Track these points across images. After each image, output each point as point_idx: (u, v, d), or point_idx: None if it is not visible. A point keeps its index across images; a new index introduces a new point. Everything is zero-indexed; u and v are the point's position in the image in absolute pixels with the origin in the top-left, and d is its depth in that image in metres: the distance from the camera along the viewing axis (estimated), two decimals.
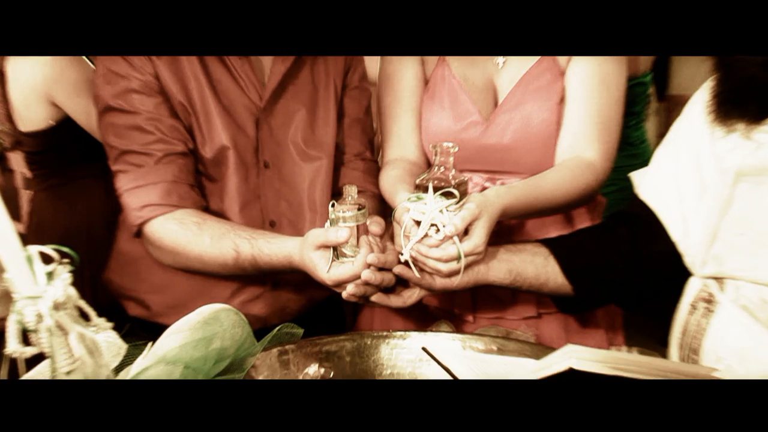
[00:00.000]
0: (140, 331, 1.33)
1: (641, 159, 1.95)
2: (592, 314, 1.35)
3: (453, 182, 1.09)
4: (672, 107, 2.10)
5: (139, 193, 1.23)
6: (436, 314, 1.35)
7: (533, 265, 1.15)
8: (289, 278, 1.35)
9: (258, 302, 1.35)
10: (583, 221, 1.36)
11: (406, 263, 1.11)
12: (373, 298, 1.13)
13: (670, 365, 0.91)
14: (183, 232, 1.22)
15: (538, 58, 1.28)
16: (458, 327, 1.32)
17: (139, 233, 1.27)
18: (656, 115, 2.21)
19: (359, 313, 1.47)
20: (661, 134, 1.14)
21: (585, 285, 1.16)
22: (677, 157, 1.08)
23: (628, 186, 1.17)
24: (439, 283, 1.13)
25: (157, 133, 1.23)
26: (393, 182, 1.23)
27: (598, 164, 1.25)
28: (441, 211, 1.06)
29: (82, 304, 0.79)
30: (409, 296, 1.16)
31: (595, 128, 1.25)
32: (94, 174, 1.78)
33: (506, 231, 1.34)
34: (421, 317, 1.36)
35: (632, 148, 2.00)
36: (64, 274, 0.75)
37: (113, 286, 1.40)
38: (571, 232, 1.28)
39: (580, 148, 1.25)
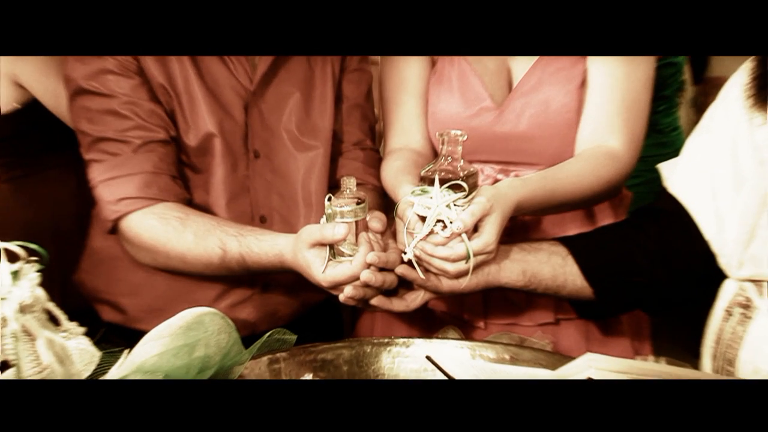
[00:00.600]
0: (115, 338, 1.30)
1: (672, 148, 1.96)
2: (616, 321, 1.35)
3: (461, 174, 1.09)
4: (710, 90, 2.10)
5: (114, 184, 1.24)
6: (442, 319, 1.36)
7: (550, 266, 1.16)
8: (280, 279, 1.35)
9: (246, 306, 1.36)
10: (605, 217, 1.36)
11: (410, 263, 1.11)
12: (373, 302, 1.13)
13: (701, 377, 0.92)
14: (163, 229, 1.22)
15: None
16: (467, 333, 1.32)
17: (114, 229, 1.27)
18: (691, 99, 2.20)
19: (358, 318, 1.47)
20: (696, 121, 1.14)
21: (607, 288, 1.17)
22: (711, 147, 1.08)
23: (657, 178, 1.17)
24: (446, 285, 1.13)
25: (135, 118, 1.24)
26: (396, 174, 1.24)
27: (622, 154, 1.25)
28: (448, 205, 1.07)
29: (51, 306, 0.79)
30: (413, 299, 1.16)
31: (619, 114, 1.26)
32: (63, 163, 1.75)
33: (520, 228, 1.34)
34: (426, 323, 1.37)
35: (662, 135, 2.00)
36: (31, 273, 0.75)
37: (85, 287, 1.41)
38: (593, 230, 1.28)
39: (603, 136, 1.26)
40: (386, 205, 1.34)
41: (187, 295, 1.31)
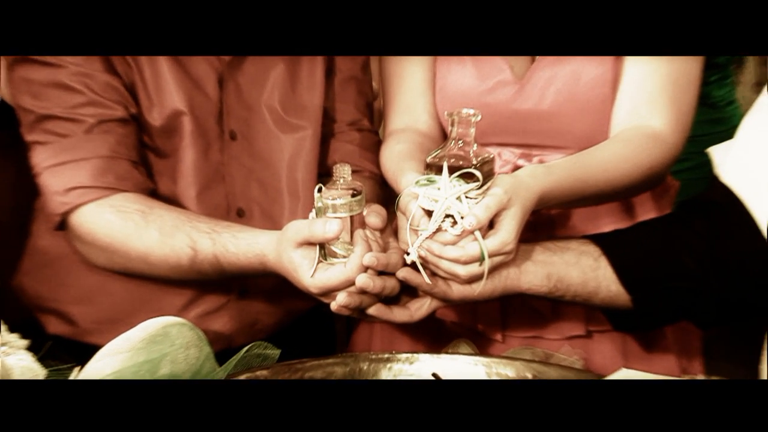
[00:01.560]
0: (63, 353, 1.31)
1: (726, 126, 1.96)
2: (659, 334, 1.36)
3: (475, 161, 1.10)
4: None
5: (63, 171, 1.24)
6: (453, 331, 1.36)
7: (579, 269, 1.17)
8: (261, 284, 1.36)
9: (221, 315, 1.36)
10: (646, 211, 1.36)
11: (414, 265, 1.12)
12: (371, 311, 1.14)
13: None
14: (122, 224, 1.22)
15: None
16: (482, 348, 1.32)
17: (62, 225, 1.27)
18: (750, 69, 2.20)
19: (354, 329, 1.48)
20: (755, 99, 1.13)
21: (648, 295, 1.17)
22: None
23: (708, 162, 1.16)
24: (457, 291, 1.14)
25: (88, 92, 1.24)
26: (398, 160, 1.24)
27: (667, 136, 1.25)
28: (459, 197, 1.07)
29: None
30: (418, 308, 1.17)
31: (663, 89, 1.26)
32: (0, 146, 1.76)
33: (545, 223, 1.34)
34: (433, 335, 1.37)
35: (714, 110, 2.00)
36: None
37: (27, 294, 1.41)
38: (631, 226, 1.28)
39: (644, 114, 1.26)
40: (387, 197, 1.34)
41: (149, 302, 1.32)
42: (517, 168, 1.27)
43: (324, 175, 1.34)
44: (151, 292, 1.32)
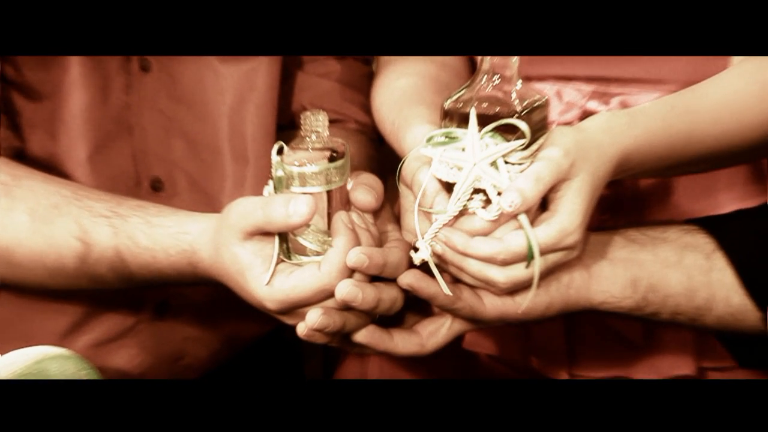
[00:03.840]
0: None
1: None
2: None
3: (519, 105, 1.10)
4: None
5: None
6: (489, 369, 1.40)
7: (683, 271, 1.18)
8: (190, 297, 1.40)
9: (126, 344, 1.38)
10: None
11: (426, 267, 1.12)
12: (360, 338, 1.15)
13: None
14: None
15: None
16: None
17: None
18: None
19: (339, 363, 1.50)
20: None
21: None
22: None
23: None
24: (493, 307, 1.15)
25: None
26: (400, 104, 1.26)
27: None
28: (495, 163, 1.07)
29: None
30: (433, 334, 1.18)
31: None
32: None
33: (629, 201, 1.36)
34: (458, 374, 1.39)
35: None
36: None
37: None
38: (761, 204, 1.31)
39: None
40: (384, 161, 1.37)
41: (16, 325, 1.34)
42: (585, 115, 1.27)
43: (286, 128, 1.38)
44: (20, 309, 1.34)
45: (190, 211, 1.22)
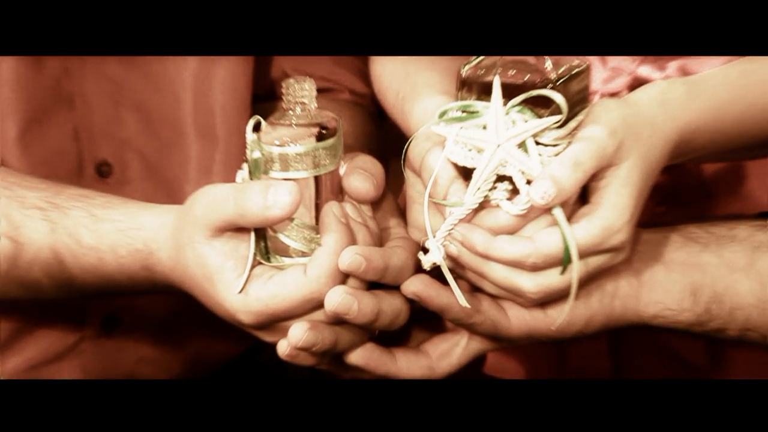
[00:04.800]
0: None
1: None
2: None
3: (554, 73, 1.08)
4: None
5: None
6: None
7: (754, 277, 1.17)
8: (145, 309, 1.42)
9: (65, 367, 1.41)
10: None
11: (438, 271, 1.10)
12: (354, 359, 1.13)
13: None
14: None
15: None
16: None
17: None
18: None
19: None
20: None
21: None
22: None
23: None
24: (520, 322, 1.13)
25: None
26: (406, 69, 1.27)
27: None
28: (524, 144, 1.05)
29: None
30: (445, 354, 1.17)
31: None
32: None
33: (688, 191, 1.39)
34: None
35: None
36: None
37: None
38: None
39: None
40: (385, 139, 1.43)
41: None
42: (636, 84, 1.26)
43: (264, 99, 1.44)
44: None
45: (145, 202, 1.21)
